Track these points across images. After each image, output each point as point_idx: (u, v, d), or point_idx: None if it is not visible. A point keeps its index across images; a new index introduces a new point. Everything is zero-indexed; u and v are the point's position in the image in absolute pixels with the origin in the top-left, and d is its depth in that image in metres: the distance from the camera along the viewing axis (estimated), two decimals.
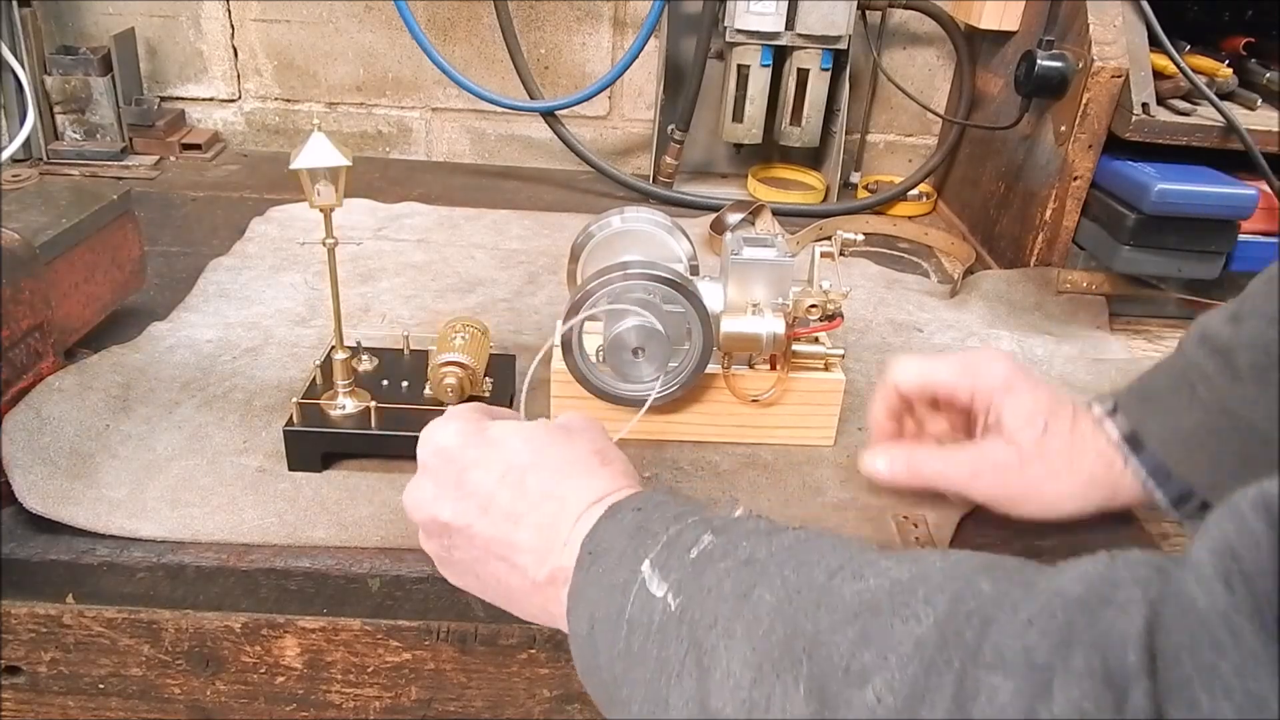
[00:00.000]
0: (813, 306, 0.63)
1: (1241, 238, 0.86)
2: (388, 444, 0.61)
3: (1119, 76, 0.89)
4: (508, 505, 0.42)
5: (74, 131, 1.18)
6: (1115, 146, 0.91)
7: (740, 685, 0.30)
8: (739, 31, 1.11)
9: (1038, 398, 0.55)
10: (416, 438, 0.60)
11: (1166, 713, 0.20)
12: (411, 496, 0.46)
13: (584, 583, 0.39)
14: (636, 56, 1.15)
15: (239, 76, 1.30)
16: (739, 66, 1.15)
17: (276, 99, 1.31)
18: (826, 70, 1.14)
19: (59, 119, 1.17)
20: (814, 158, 1.31)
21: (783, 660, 0.29)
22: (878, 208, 1.21)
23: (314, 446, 0.60)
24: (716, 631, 0.32)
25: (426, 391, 0.63)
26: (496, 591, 0.45)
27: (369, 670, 0.57)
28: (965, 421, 0.60)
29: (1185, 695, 0.20)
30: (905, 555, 0.31)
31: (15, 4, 1.08)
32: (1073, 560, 0.27)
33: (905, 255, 1.11)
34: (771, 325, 0.63)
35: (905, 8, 1.18)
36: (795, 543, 0.35)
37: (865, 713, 0.26)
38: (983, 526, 0.62)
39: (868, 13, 1.17)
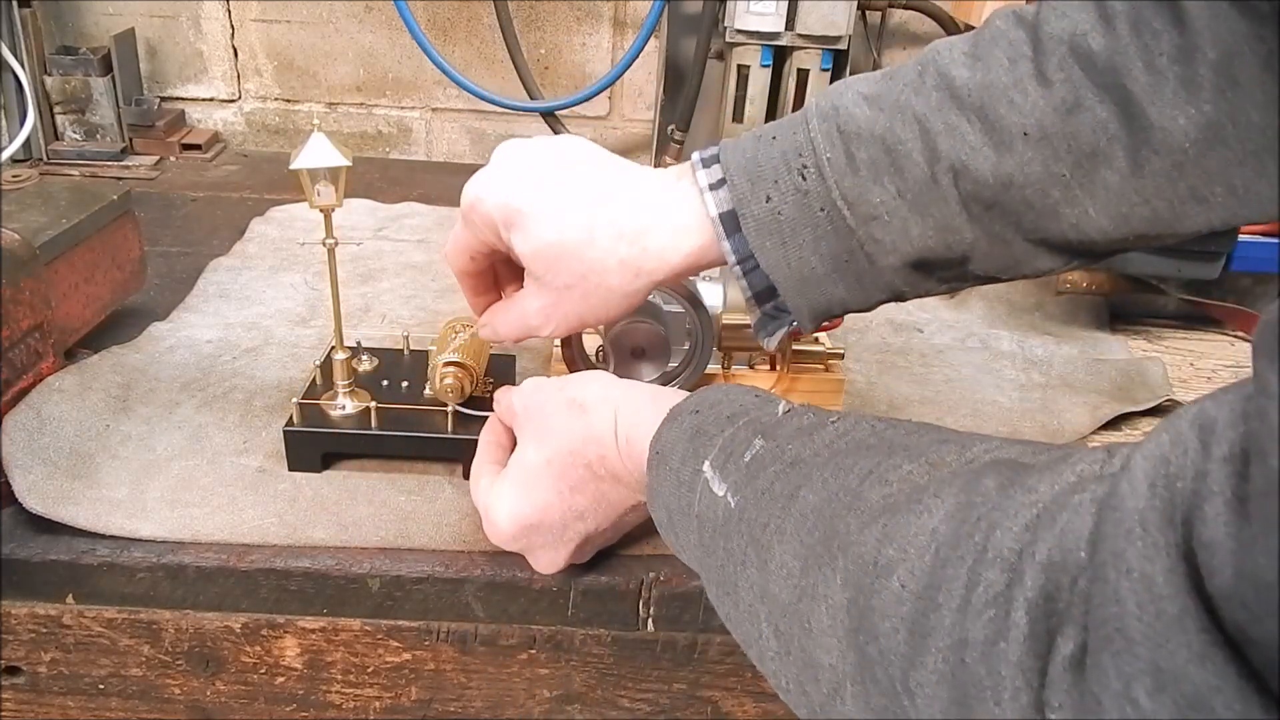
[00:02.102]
0: None
1: (1241, 238, 0.86)
2: (388, 444, 0.61)
3: None
4: (587, 499, 0.50)
5: (74, 132, 1.18)
6: None
7: (792, 574, 0.36)
8: (739, 31, 1.11)
9: (539, 209, 0.49)
10: (417, 438, 0.60)
11: (1091, 592, 0.24)
12: (541, 564, 0.53)
13: (656, 481, 0.45)
14: (636, 56, 1.15)
15: (239, 76, 1.30)
16: (739, 66, 1.15)
17: (276, 99, 1.31)
18: (827, 70, 1.14)
19: (59, 119, 1.17)
20: None
21: (824, 555, 0.34)
22: None
23: (314, 446, 0.60)
24: (770, 530, 0.37)
25: (426, 392, 0.63)
26: (634, 523, 0.54)
27: (369, 670, 0.57)
28: None
29: (1101, 574, 0.24)
30: (927, 457, 0.35)
31: (15, 4, 1.08)
32: (1079, 453, 0.30)
33: None
34: None
35: (905, 8, 1.18)
36: (835, 439, 0.39)
37: (892, 598, 0.30)
38: None
39: (868, 13, 1.17)
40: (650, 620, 0.56)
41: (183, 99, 1.31)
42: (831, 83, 1.15)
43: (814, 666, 0.34)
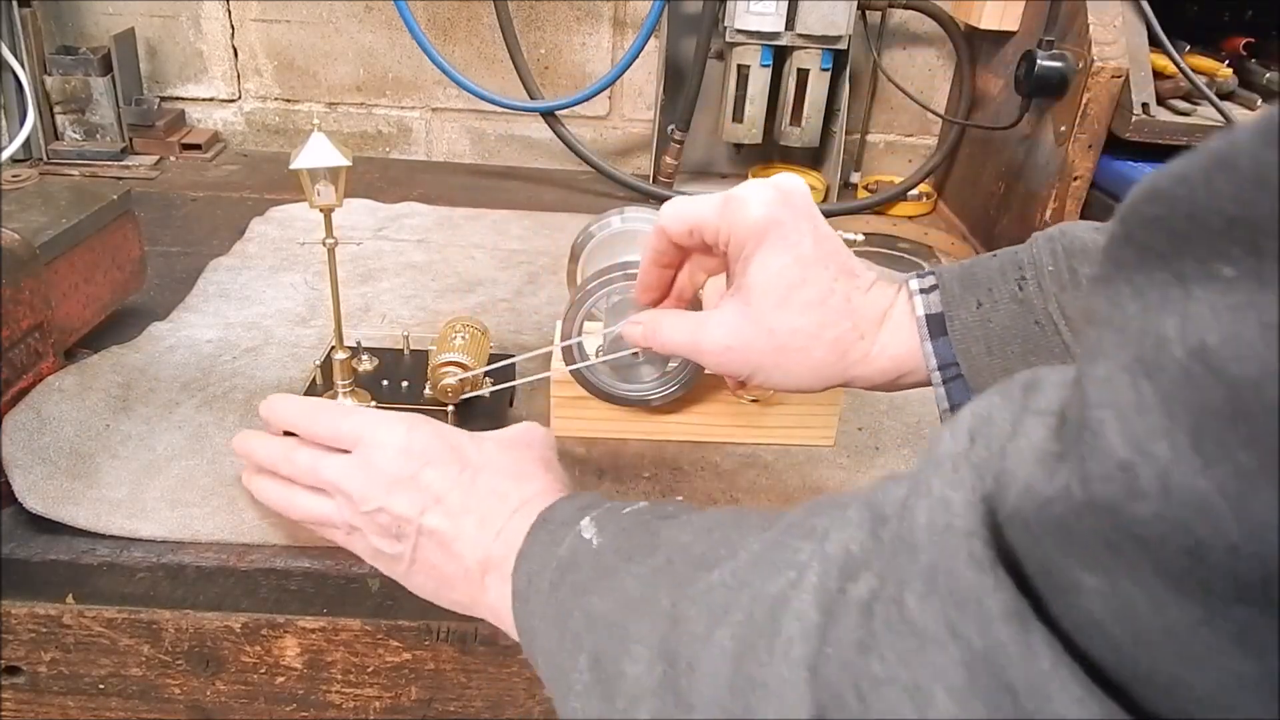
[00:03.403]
0: None
1: None
2: None
3: (1119, 76, 0.89)
4: (458, 502, 0.46)
5: (74, 131, 1.18)
6: (1115, 147, 0.91)
7: (627, 592, 0.35)
8: (739, 31, 1.11)
9: (798, 252, 0.47)
10: None
11: (898, 534, 0.24)
12: (360, 484, 0.47)
13: (530, 545, 0.43)
14: (636, 56, 1.15)
15: (239, 76, 1.30)
16: (739, 66, 1.15)
17: (276, 99, 1.31)
18: (826, 70, 1.14)
19: (59, 119, 1.17)
20: (814, 158, 1.31)
21: (660, 567, 0.34)
22: (878, 208, 1.22)
23: None
24: (620, 556, 0.37)
25: (426, 391, 0.63)
26: (427, 578, 0.47)
27: (369, 670, 0.57)
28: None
29: (908, 505, 0.23)
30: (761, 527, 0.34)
31: (15, 4, 1.08)
32: None
33: (905, 255, 1.11)
34: None
35: (905, 8, 1.18)
36: (726, 514, 0.38)
37: (704, 590, 0.31)
38: None
39: (868, 13, 1.17)
40: None
41: (183, 99, 1.31)
42: (831, 81, 1.16)
43: (619, 679, 0.32)
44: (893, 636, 0.22)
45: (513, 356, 0.68)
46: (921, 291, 0.47)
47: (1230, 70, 0.95)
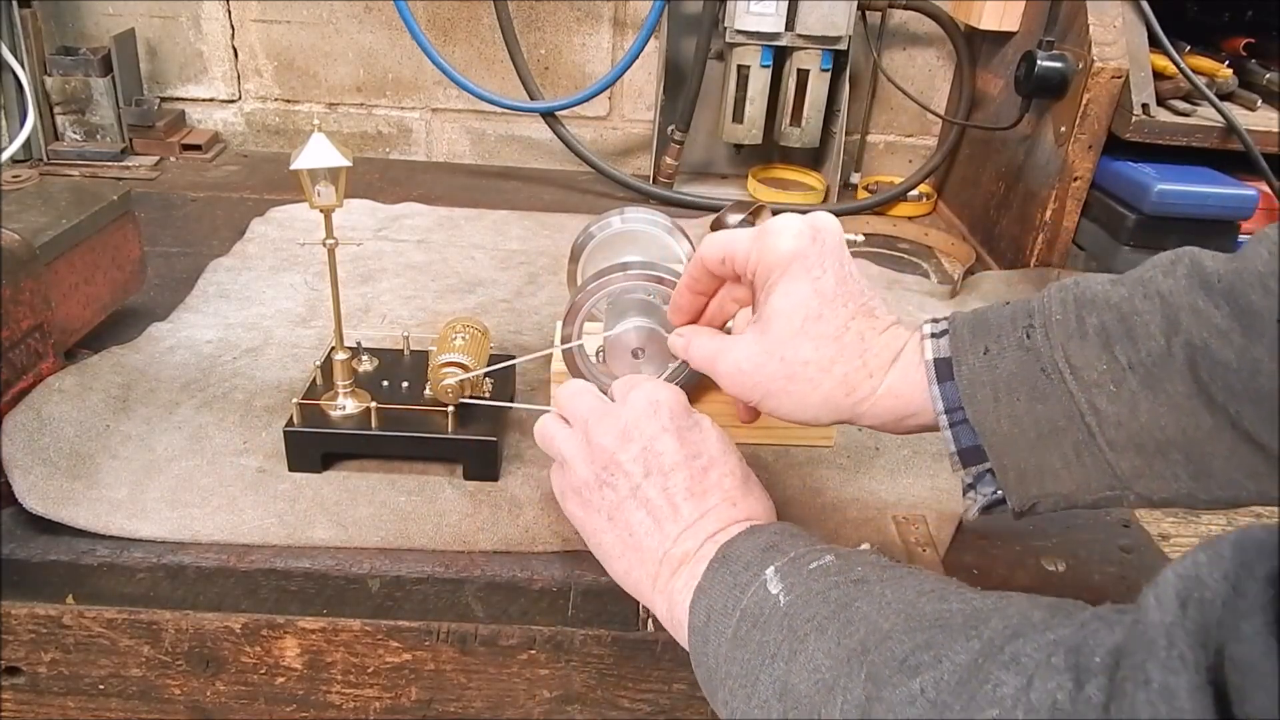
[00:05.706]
0: None
1: (1242, 238, 0.86)
2: (388, 444, 0.61)
3: (1119, 77, 0.89)
4: (685, 483, 0.48)
5: (74, 132, 1.18)
6: (1115, 147, 0.91)
7: (819, 669, 0.35)
8: (739, 32, 1.11)
9: (819, 286, 0.48)
10: (417, 438, 0.60)
11: (1106, 704, 0.24)
12: (604, 425, 0.49)
13: (710, 581, 0.43)
14: (636, 57, 1.15)
15: (239, 77, 1.30)
16: (739, 67, 1.15)
17: (276, 99, 1.32)
18: (826, 71, 1.14)
19: (59, 119, 1.17)
20: (814, 158, 1.31)
21: (856, 651, 0.34)
22: (878, 208, 1.22)
23: (314, 447, 0.60)
24: (812, 625, 0.37)
25: (426, 392, 0.63)
26: (616, 542, 0.49)
27: (369, 671, 0.57)
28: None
29: (1119, 689, 0.24)
30: (995, 593, 0.35)
31: (15, 4, 1.08)
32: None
33: (905, 256, 1.11)
34: None
35: (905, 8, 1.18)
36: (905, 574, 0.39)
37: (905, 699, 0.30)
38: (983, 527, 0.62)
39: (868, 13, 1.17)
40: (650, 620, 0.56)
41: (183, 99, 1.31)
42: (831, 81, 1.15)
43: None
44: None
45: (513, 357, 0.68)
46: (933, 335, 0.48)
47: (1230, 70, 0.95)
